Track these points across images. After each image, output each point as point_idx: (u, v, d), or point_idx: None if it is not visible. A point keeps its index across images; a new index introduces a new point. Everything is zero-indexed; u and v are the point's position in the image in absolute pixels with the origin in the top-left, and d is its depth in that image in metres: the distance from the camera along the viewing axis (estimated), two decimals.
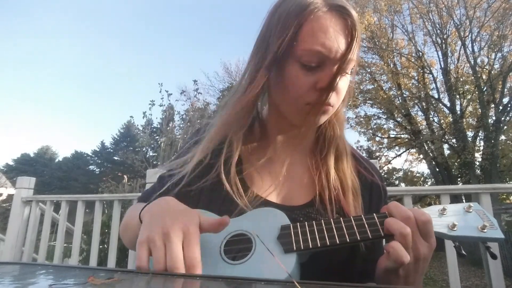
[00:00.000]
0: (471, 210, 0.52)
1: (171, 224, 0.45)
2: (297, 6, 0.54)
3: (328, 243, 0.48)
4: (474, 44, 12.32)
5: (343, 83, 0.58)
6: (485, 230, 0.48)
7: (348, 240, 0.48)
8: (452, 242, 0.52)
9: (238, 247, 0.50)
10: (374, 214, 0.51)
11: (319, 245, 0.48)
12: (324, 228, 0.49)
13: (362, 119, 14.63)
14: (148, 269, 0.44)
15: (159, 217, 0.48)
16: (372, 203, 0.66)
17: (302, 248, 0.48)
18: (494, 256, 0.52)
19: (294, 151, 0.68)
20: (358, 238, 0.48)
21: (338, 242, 0.48)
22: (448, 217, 0.51)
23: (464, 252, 0.50)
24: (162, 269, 0.43)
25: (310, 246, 0.48)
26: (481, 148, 12.13)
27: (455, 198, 10.19)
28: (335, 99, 0.58)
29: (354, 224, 0.50)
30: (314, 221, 0.51)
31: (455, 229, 0.49)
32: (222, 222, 0.48)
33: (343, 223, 0.50)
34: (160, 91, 7.21)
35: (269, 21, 0.59)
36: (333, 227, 0.49)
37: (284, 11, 0.56)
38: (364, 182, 0.66)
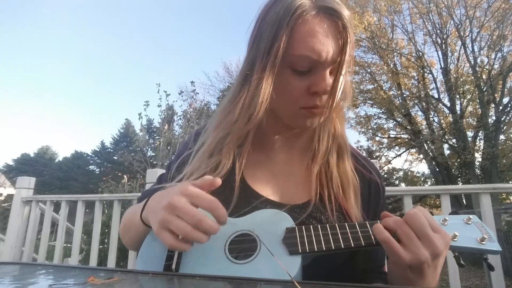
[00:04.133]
0: (470, 222, 0.54)
1: (169, 198, 0.47)
2: (285, 11, 0.53)
3: (333, 247, 0.49)
4: (474, 44, 12.33)
5: (338, 83, 0.57)
6: (484, 242, 0.50)
7: (352, 245, 0.49)
8: (451, 252, 0.53)
9: (243, 246, 0.51)
10: (378, 221, 0.52)
11: (324, 248, 0.49)
12: (329, 232, 0.50)
13: (362, 119, 14.64)
14: (184, 246, 0.46)
15: (158, 204, 0.50)
16: (371, 201, 0.66)
17: (308, 251, 0.48)
18: (491, 268, 0.53)
19: (292, 149, 0.68)
20: (363, 243, 0.49)
21: (343, 246, 0.49)
22: (449, 228, 0.52)
23: (463, 262, 0.51)
24: (190, 234, 0.44)
25: (316, 250, 0.48)
26: (481, 148, 12.13)
27: (455, 198, 10.23)
28: (330, 101, 0.58)
29: (358, 229, 0.51)
30: (319, 225, 0.52)
31: (455, 239, 0.50)
32: (213, 182, 0.50)
33: (347, 228, 0.51)
34: (158, 92, 7.16)
35: (258, 27, 0.58)
36: (338, 231, 0.51)
37: (273, 16, 0.55)
38: (362, 179, 0.66)
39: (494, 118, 11.85)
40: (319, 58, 0.53)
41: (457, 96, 12.59)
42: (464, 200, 11.62)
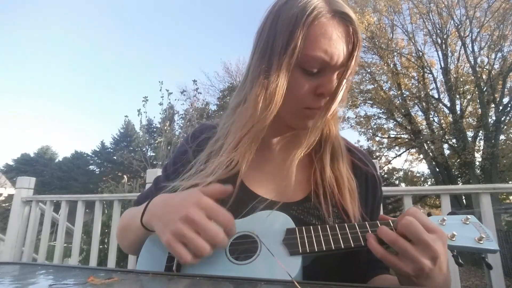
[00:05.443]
0: (468, 222, 0.54)
1: (184, 209, 0.47)
2: (301, 11, 0.54)
3: (333, 248, 0.49)
4: (474, 44, 12.33)
5: (341, 87, 0.58)
6: (481, 242, 0.50)
7: (352, 245, 0.49)
8: (450, 251, 0.53)
9: (244, 247, 0.51)
10: (378, 222, 0.53)
11: (324, 249, 0.49)
12: (329, 232, 0.51)
13: (362, 119, 14.65)
14: (194, 261, 0.46)
15: (168, 212, 0.50)
16: (368, 194, 0.67)
17: (308, 251, 0.48)
18: (489, 266, 0.54)
19: (289, 149, 0.68)
20: (362, 243, 0.49)
21: (343, 246, 0.49)
22: (447, 228, 0.53)
23: (461, 261, 0.52)
24: (208, 252, 0.45)
25: (316, 250, 0.49)
26: (481, 148, 12.14)
27: (455, 198, 10.22)
28: (329, 103, 0.59)
29: (358, 229, 0.51)
30: (319, 226, 0.52)
31: (454, 239, 0.51)
32: (224, 190, 0.52)
33: (347, 228, 0.52)
34: (160, 90, 7.11)
35: (270, 25, 0.58)
36: (338, 232, 0.51)
37: (288, 15, 0.55)
38: (359, 173, 0.67)
39: (494, 118, 11.85)
40: (331, 61, 0.54)
41: (457, 96, 12.60)
42: (464, 200, 11.63)
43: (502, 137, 12.47)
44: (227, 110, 0.70)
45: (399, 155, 15.08)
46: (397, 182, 16.84)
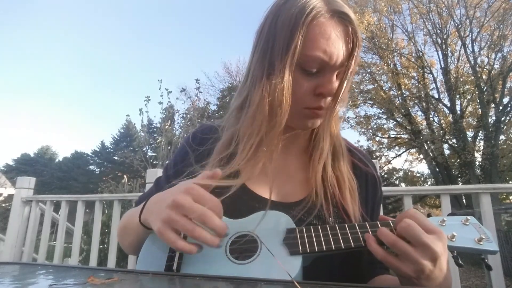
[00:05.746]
0: (468, 223, 0.55)
1: (171, 196, 0.47)
2: (300, 11, 0.54)
3: (333, 248, 0.49)
4: (474, 44, 12.34)
5: (342, 88, 0.58)
6: (481, 243, 0.50)
7: (352, 245, 0.49)
8: (450, 252, 0.53)
9: (244, 247, 0.51)
10: (378, 222, 0.53)
11: (324, 249, 0.49)
12: (330, 232, 0.51)
13: (362, 119, 14.66)
14: (190, 246, 0.45)
15: (159, 203, 0.50)
16: (368, 194, 0.67)
17: (308, 251, 0.49)
18: (489, 268, 0.54)
19: (289, 150, 0.68)
20: (363, 243, 0.50)
21: (343, 247, 0.49)
22: (447, 228, 0.53)
23: (461, 262, 0.52)
24: (199, 233, 0.44)
25: (316, 250, 0.49)
26: (481, 148, 12.14)
27: (455, 198, 10.23)
28: (332, 104, 0.59)
29: (358, 230, 0.51)
30: (319, 226, 0.52)
31: (454, 240, 0.51)
32: (213, 174, 0.51)
33: (347, 228, 0.52)
34: (160, 88, 7.09)
35: (269, 26, 0.58)
36: (338, 232, 0.51)
37: (287, 16, 0.55)
38: (359, 173, 0.67)
39: (494, 118, 11.86)
40: (330, 61, 0.54)
41: (457, 96, 12.60)
42: (464, 200, 11.63)
43: (502, 137, 12.49)
44: (229, 111, 0.70)
45: (399, 155, 15.09)
46: (397, 182, 16.85)
